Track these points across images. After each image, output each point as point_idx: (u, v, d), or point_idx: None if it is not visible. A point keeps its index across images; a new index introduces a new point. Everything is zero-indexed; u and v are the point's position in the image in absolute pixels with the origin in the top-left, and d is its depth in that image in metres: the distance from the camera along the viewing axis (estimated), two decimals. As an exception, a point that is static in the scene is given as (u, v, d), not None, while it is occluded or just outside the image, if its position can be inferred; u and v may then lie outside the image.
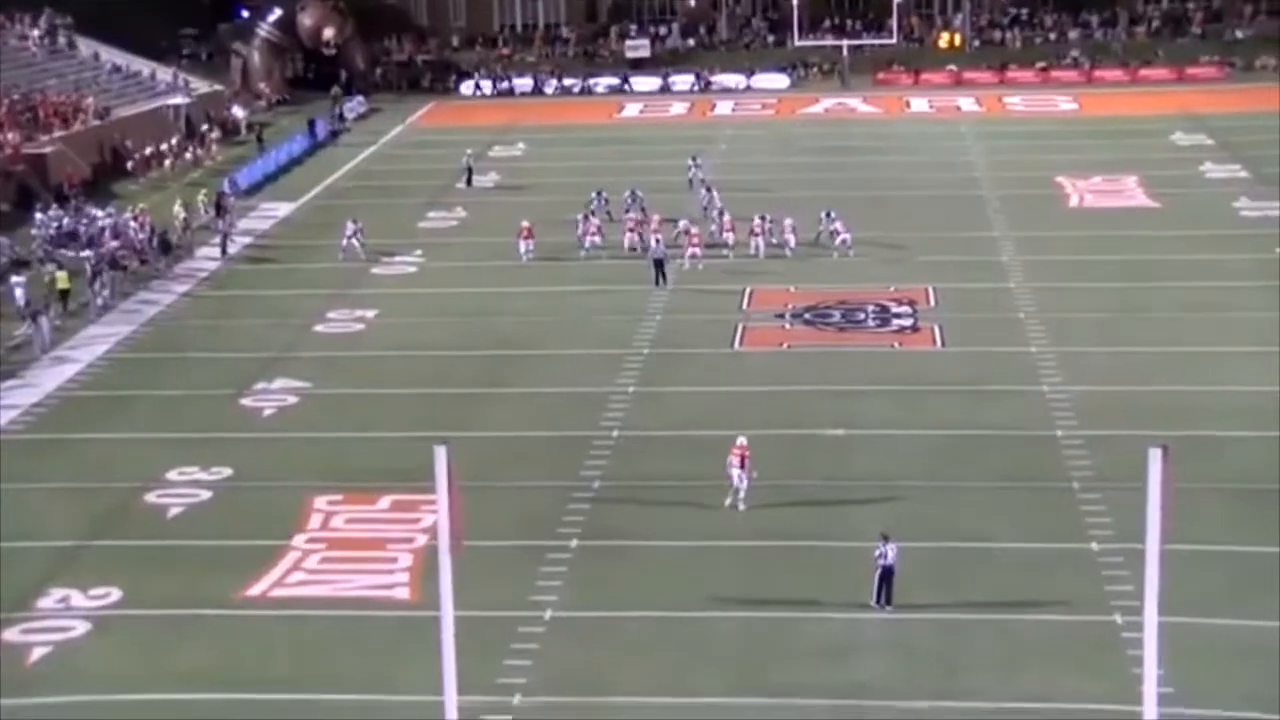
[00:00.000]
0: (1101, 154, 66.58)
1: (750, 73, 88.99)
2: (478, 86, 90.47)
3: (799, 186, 62.37)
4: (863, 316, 45.60)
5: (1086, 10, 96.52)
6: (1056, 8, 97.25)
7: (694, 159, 62.85)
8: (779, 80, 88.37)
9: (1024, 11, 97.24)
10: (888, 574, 27.19)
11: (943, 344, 43.20)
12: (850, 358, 42.17)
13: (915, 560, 29.43)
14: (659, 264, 48.37)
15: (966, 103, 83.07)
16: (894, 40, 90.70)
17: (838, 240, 51.67)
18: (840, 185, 62.48)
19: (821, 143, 72.81)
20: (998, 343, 42.80)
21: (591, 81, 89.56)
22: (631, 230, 52.44)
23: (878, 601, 27.23)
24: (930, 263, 50.22)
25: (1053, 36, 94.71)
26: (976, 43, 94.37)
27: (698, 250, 50.49)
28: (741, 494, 31.67)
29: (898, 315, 45.55)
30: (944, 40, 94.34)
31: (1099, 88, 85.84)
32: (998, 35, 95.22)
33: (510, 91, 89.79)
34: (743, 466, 31.73)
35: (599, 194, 56.47)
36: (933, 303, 46.49)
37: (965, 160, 68.00)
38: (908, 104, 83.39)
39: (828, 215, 52.63)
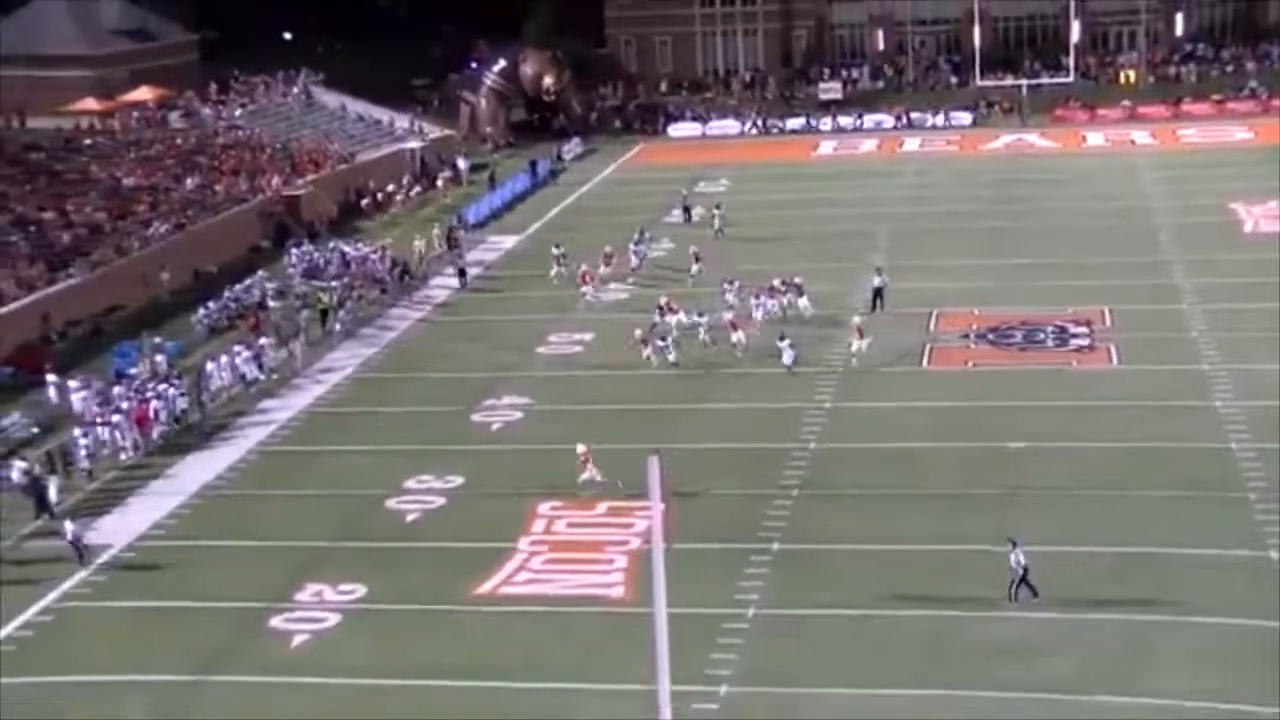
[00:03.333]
0: (1277, 180, 64.10)
1: (935, 111, 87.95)
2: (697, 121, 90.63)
3: (982, 219, 61.50)
4: (1042, 337, 44.82)
5: (1266, 41, 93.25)
6: (1235, 41, 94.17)
7: (718, 206, 62.25)
8: (963, 118, 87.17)
9: (1200, 46, 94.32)
10: (1025, 574, 27.46)
11: (1118, 362, 42.24)
12: (1030, 375, 41.47)
13: (1094, 565, 29.02)
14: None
15: (1141, 136, 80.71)
16: (1071, 79, 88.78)
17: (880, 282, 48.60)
18: (1021, 216, 61.53)
19: (1003, 176, 71.60)
20: (1171, 361, 41.70)
21: (788, 121, 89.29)
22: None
23: (1016, 599, 27.40)
24: (1106, 286, 49.09)
25: (1230, 69, 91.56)
26: (1152, 79, 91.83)
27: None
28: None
29: (1075, 335, 44.67)
30: (1122, 77, 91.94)
31: (1276, 116, 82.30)
32: (1173, 71, 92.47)
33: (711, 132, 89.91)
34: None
35: (641, 231, 57.61)
36: (1109, 323, 45.48)
37: (1140, 190, 66.21)
38: (1084, 138, 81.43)
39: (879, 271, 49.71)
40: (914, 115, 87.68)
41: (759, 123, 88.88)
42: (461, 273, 55.59)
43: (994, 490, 33.17)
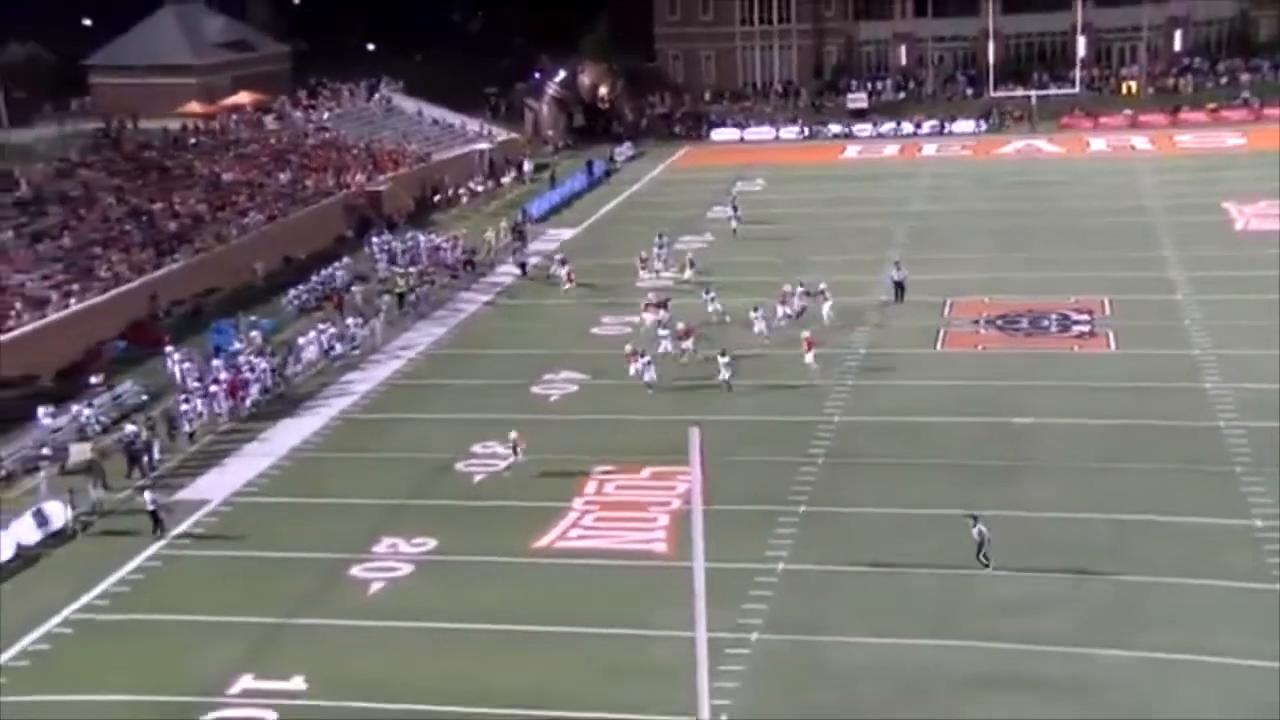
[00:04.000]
0: (1268, 182, 62.68)
1: (952, 119, 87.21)
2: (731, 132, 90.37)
3: (994, 217, 60.99)
4: (1047, 323, 44.37)
5: (1258, 56, 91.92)
6: (1229, 55, 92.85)
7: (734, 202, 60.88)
8: (977, 125, 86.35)
9: (1197, 60, 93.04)
10: (983, 544, 27.19)
11: (1116, 347, 41.77)
12: (1035, 358, 41.07)
13: (1089, 531, 28.77)
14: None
15: (1141, 142, 79.63)
16: (1077, 89, 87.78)
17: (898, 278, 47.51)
18: (1029, 214, 60.89)
19: (1013, 178, 70.92)
20: (1165, 346, 41.19)
21: (818, 128, 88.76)
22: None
23: (985, 565, 27.12)
24: (1107, 278, 48.48)
25: (1224, 81, 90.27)
26: (1152, 90, 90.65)
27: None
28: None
29: (1077, 322, 44.19)
30: (1124, 88, 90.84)
31: (1267, 124, 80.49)
32: (1171, 82, 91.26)
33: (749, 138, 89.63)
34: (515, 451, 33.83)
35: (661, 235, 55.68)
36: (1108, 312, 44.97)
37: (1139, 191, 65.29)
38: (1088, 144, 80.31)
39: (896, 266, 48.71)
40: (932, 123, 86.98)
41: (805, 129, 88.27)
42: (523, 265, 55.25)
43: (1000, 461, 32.92)
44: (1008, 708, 22.55)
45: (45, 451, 35.61)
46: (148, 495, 31.61)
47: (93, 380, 41.03)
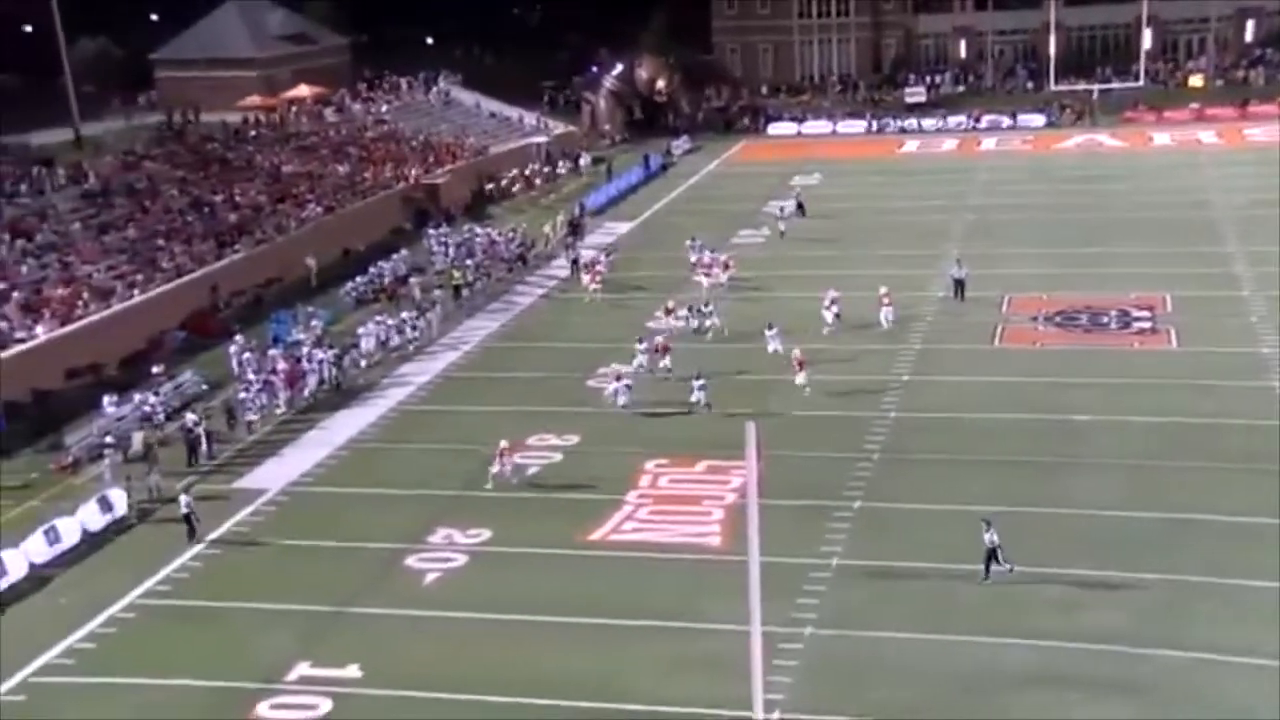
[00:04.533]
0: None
1: (1012, 114, 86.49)
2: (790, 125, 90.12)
3: (1053, 212, 60.46)
4: (1106, 320, 43.95)
5: None
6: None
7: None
8: (1037, 120, 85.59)
9: (1268, 51, 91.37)
10: (991, 554, 26.49)
11: (1178, 344, 41.29)
12: (1094, 355, 40.70)
13: (1144, 529, 28.53)
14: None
15: (1207, 136, 78.40)
16: (1140, 83, 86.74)
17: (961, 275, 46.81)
18: (1088, 209, 60.32)
19: (1072, 172, 70.22)
20: (1229, 343, 40.64)
21: (877, 122, 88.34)
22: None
23: (987, 576, 26.41)
24: (1169, 274, 47.94)
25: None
26: (1220, 82, 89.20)
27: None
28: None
29: (1138, 319, 43.74)
30: (1191, 81, 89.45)
31: (1341, 117, 78.96)
32: (1240, 74, 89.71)
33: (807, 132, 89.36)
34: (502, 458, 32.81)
35: (693, 239, 54.43)
36: (1169, 308, 44.47)
37: (1203, 185, 64.37)
38: (1151, 139, 79.33)
39: (958, 263, 47.87)
40: (992, 117, 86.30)
41: (875, 122, 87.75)
42: (574, 261, 54.52)
43: (1057, 458, 32.69)
44: (1059, 706, 22.43)
45: (109, 439, 36.17)
46: (183, 499, 31.25)
47: (155, 370, 41.60)
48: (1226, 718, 21.84)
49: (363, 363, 43.14)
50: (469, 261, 54.28)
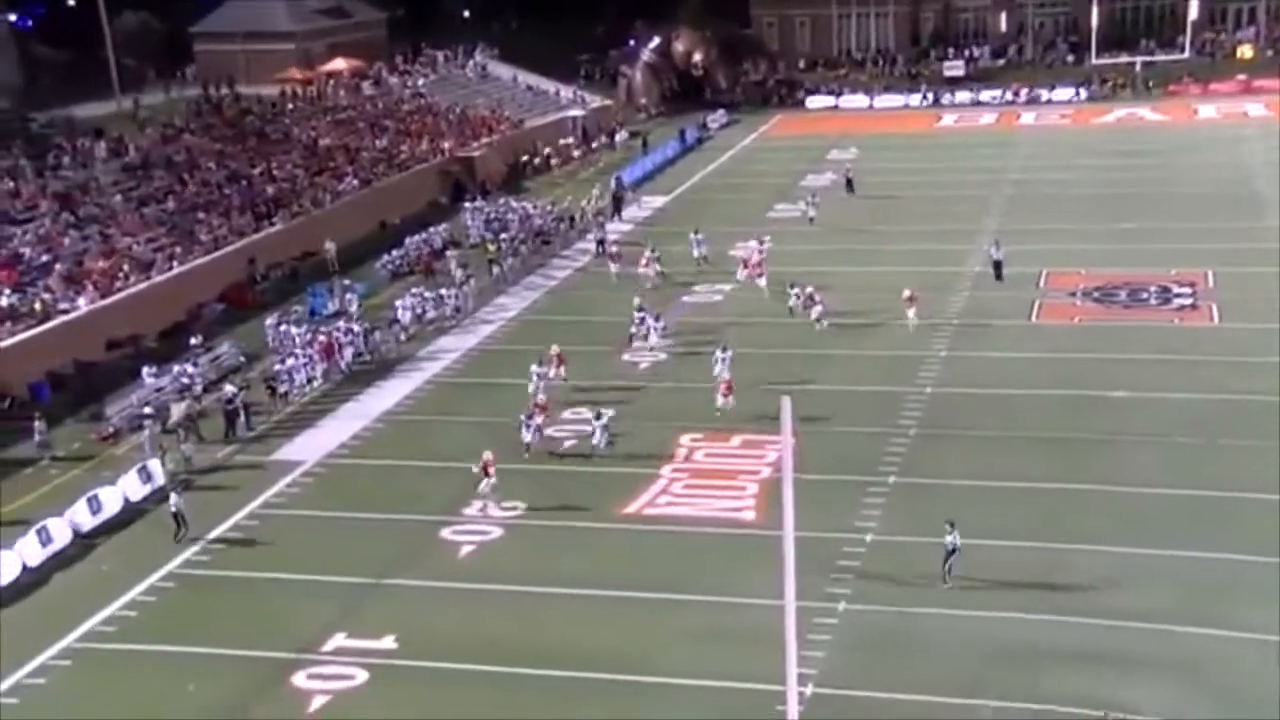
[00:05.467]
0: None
1: (1051, 87, 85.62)
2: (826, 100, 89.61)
3: (1092, 186, 59.90)
4: (1146, 296, 43.55)
5: None
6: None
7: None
8: (1077, 93, 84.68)
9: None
10: (951, 555, 25.58)
11: (1220, 321, 40.87)
12: (1134, 331, 40.34)
13: (1185, 507, 28.27)
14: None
15: (1255, 108, 76.93)
16: (1186, 55, 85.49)
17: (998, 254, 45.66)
18: (1129, 184, 59.72)
19: (1112, 147, 69.50)
20: (1273, 320, 40.03)
21: (914, 96, 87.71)
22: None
23: (947, 578, 25.55)
24: (1211, 250, 47.37)
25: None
26: (1270, 53, 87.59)
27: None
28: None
29: (1178, 295, 43.31)
30: (1240, 52, 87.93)
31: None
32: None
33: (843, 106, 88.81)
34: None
35: (696, 232, 50.83)
36: (1211, 284, 43.99)
37: (1249, 159, 63.38)
38: (1196, 111, 78.22)
39: (996, 245, 46.29)
40: (1031, 91, 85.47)
41: (911, 97, 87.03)
42: (600, 243, 53.15)
43: (1095, 435, 32.45)
44: (1093, 683, 22.30)
45: (148, 410, 36.46)
46: (173, 498, 30.22)
47: (193, 341, 41.86)
48: (1265, 698, 21.64)
49: (398, 336, 43.24)
50: (504, 235, 54.26)
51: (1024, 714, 21.57)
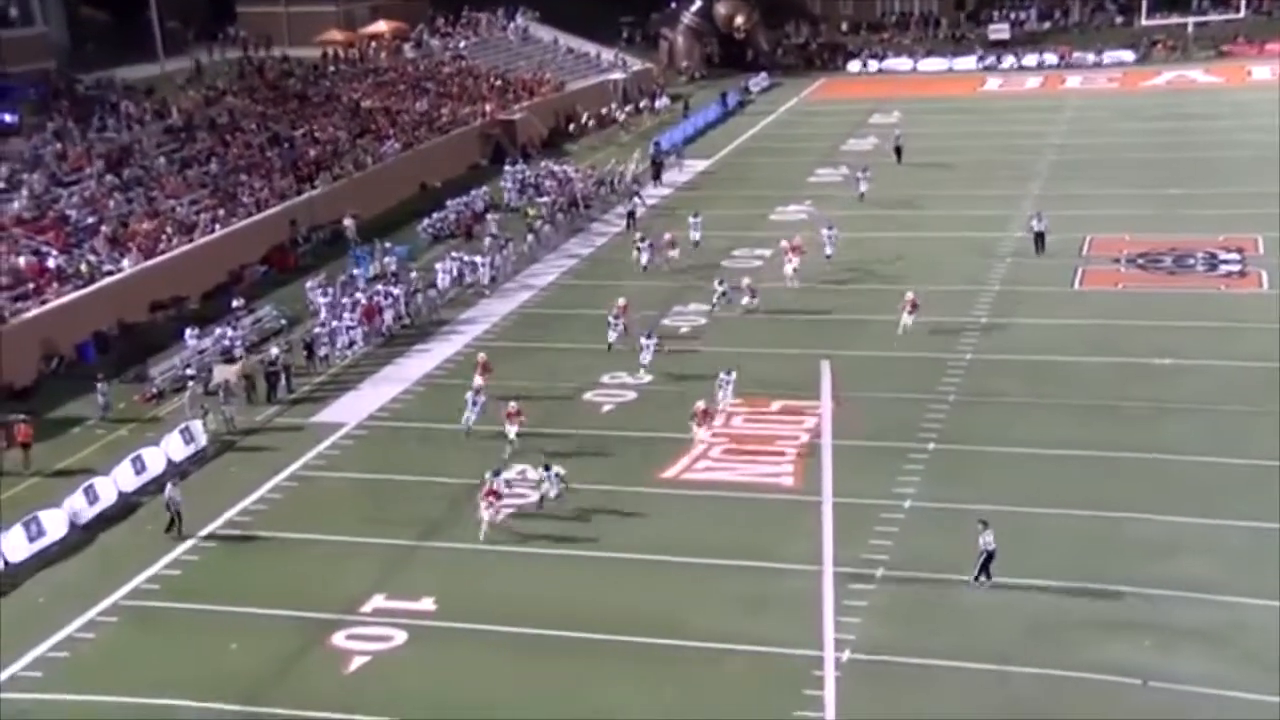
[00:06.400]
0: None
1: (1099, 50, 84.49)
2: (864, 65, 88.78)
3: (1139, 151, 59.16)
4: (1192, 262, 43.02)
5: None
6: None
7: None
8: (1125, 56, 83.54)
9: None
10: (990, 558, 24.16)
11: (1269, 287, 40.29)
12: (1179, 298, 39.88)
13: (1232, 475, 27.97)
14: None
15: (1313, 68, 75.30)
16: (1241, 14, 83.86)
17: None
18: (1177, 148, 58.96)
19: (1161, 110, 68.58)
20: (1322, 288, 39.59)
21: (958, 60, 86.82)
22: None
23: (977, 579, 24.26)
24: (1261, 215, 46.60)
25: None
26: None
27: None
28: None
29: (1226, 261, 42.77)
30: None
31: None
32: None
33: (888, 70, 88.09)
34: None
35: (696, 215, 48.52)
36: (1261, 250, 43.38)
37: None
38: (1249, 73, 76.71)
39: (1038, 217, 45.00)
40: (1077, 54, 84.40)
41: (974, 58, 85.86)
42: (630, 215, 52.24)
43: (1138, 403, 32.14)
44: (1131, 651, 22.13)
45: (191, 371, 36.72)
46: (168, 489, 29.01)
47: (235, 303, 42.08)
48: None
49: (438, 299, 43.30)
50: (544, 198, 54.17)
51: (1062, 681, 21.46)
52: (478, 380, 34.41)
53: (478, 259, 46.06)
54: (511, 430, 31.55)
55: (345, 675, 23.12)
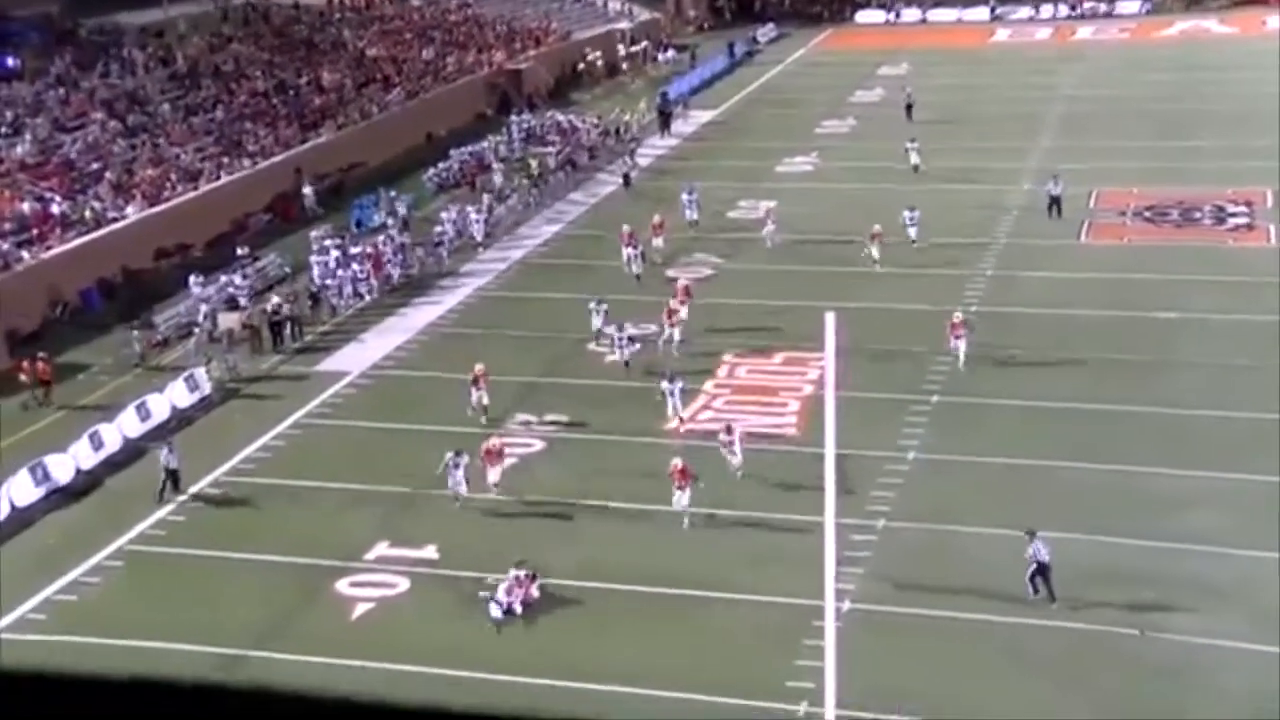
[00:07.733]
0: None
1: (1110, 0, 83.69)
2: (879, 13, 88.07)
3: (1149, 103, 58.74)
4: (1199, 215, 42.79)
5: None
6: None
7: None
8: (1138, 6, 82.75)
9: None
10: (1043, 570, 22.28)
11: (1277, 241, 40.07)
12: (1185, 252, 39.70)
13: (1245, 429, 27.91)
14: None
15: (1330, 20, 74.48)
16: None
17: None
18: (1187, 100, 58.51)
19: (1173, 61, 68.01)
20: (1329, 242, 39.35)
21: (967, 10, 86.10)
22: None
23: (1036, 592, 22.36)
24: (1270, 168, 46.17)
25: None
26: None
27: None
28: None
29: (1234, 214, 42.53)
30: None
31: None
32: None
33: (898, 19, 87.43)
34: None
35: (691, 191, 45.19)
36: (1270, 204, 43.13)
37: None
38: (1264, 23, 75.53)
39: (1054, 180, 43.27)
40: (1089, 4, 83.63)
41: (983, 9, 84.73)
42: (626, 177, 50.74)
43: (1144, 357, 32.05)
44: (1129, 602, 22.12)
45: (196, 319, 36.72)
46: (164, 452, 28.27)
47: (240, 251, 42.01)
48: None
49: (443, 249, 43.20)
50: (550, 149, 53.90)
51: (1063, 632, 21.53)
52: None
53: (484, 201, 45.56)
54: (476, 396, 30.47)
55: (349, 622, 23.24)
